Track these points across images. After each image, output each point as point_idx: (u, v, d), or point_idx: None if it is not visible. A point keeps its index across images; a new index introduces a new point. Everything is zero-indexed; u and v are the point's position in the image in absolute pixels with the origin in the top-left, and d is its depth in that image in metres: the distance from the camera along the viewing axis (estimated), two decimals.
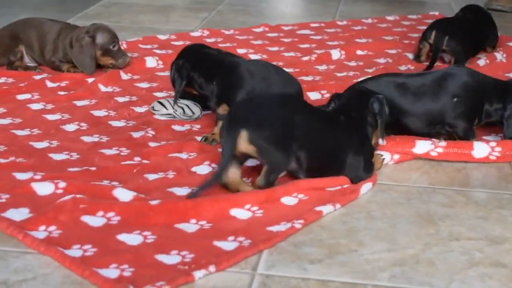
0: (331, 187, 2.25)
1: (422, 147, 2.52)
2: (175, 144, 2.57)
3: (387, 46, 3.97)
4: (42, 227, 1.97)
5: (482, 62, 3.60)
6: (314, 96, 3.11)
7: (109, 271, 1.78)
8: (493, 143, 2.56)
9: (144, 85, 3.25)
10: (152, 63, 3.52)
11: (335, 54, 3.77)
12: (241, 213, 2.10)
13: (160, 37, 4.00)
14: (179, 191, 2.24)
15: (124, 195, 2.16)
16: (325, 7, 5.13)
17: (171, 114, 2.83)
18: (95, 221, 2.02)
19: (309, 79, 3.36)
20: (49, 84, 3.19)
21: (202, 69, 2.68)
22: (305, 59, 3.68)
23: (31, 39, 3.40)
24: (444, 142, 2.54)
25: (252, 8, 5.06)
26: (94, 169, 2.35)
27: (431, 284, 1.80)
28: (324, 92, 3.14)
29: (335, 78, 3.39)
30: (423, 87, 2.62)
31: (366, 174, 2.33)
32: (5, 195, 2.14)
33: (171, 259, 1.84)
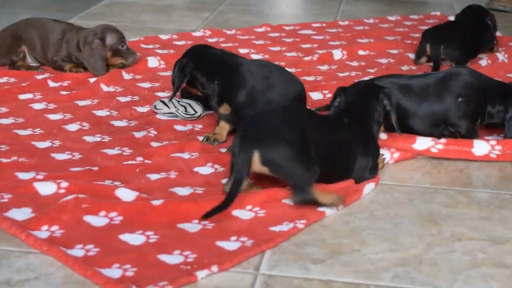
0: (334, 188, 2.25)
1: (422, 143, 2.52)
2: (177, 144, 2.57)
3: (389, 46, 3.97)
4: (44, 227, 1.97)
5: (484, 62, 3.59)
6: (316, 96, 3.11)
7: (112, 271, 1.78)
8: (493, 142, 2.56)
9: (146, 85, 3.25)
10: (154, 63, 3.52)
11: (337, 54, 3.77)
12: (243, 213, 2.10)
13: (162, 37, 4.00)
14: (181, 191, 2.24)
15: (126, 195, 2.16)
16: (327, 7, 5.13)
17: (173, 113, 2.83)
18: (97, 221, 2.02)
19: (311, 79, 3.35)
20: (51, 83, 3.19)
21: (204, 68, 2.67)
22: (307, 59, 3.68)
23: (33, 39, 3.41)
24: (444, 139, 2.54)
25: (253, 7, 5.06)
26: (96, 169, 2.35)
27: (433, 284, 1.80)
28: (326, 92, 3.14)
29: (337, 78, 3.39)
30: (427, 88, 2.62)
31: (370, 175, 2.32)
32: (8, 194, 2.14)
33: (173, 259, 1.84)
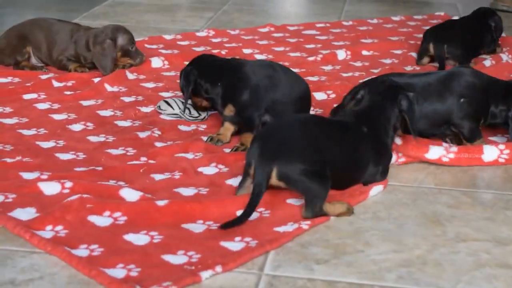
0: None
1: (434, 152, 2.50)
2: (181, 144, 2.57)
3: (392, 46, 3.97)
4: (49, 227, 1.98)
5: (488, 63, 3.59)
6: (320, 96, 3.11)
7: (116, 271, 1.78)
8: (502, 146, 2.55)
9: (150, 85, 3.25)
10: (158, 63, 3.52)
11: (341, 54, 3.77)
12: None
13: (165, 37, 4.01)
14: (185, 191, 2.24)
15: (130, 195, 2.16)
16: (331, 7, 5.13)
17: (177, 114, 2.83)
18: (101, 221, 2.02)
19: (314, 79, 3.35)
20: (56, 83, 3.20)
21: (208, 74, 2.69)
22: (311, 59, 3.68)
23: (39, 40, 3.41)
24: (455, 147, 2.53)
25: (257, 7, 5.06)
26: (100, 169, 2.36)
27: (437, 285, 1.80)
28: (329, 92, 3.14)
29: (341, 78, 3.39)
30: (429, 88, 2.62)
31: (380, 178, 2.32)
32: (12, 194, 2.14)
33: (178, 259, 1.85)
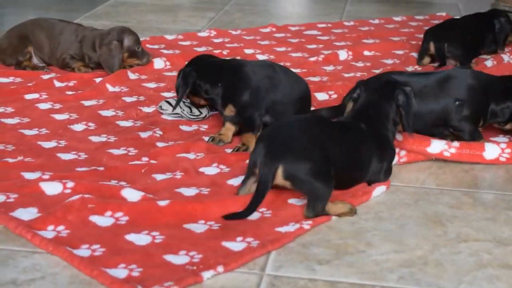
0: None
1: (436, 146, 2.51)
2: (183, 144, 2.57)
3: (394, 46, 3.97)
4: (50, 227, 1.98)
5: (489, 63, 3.59)
6: (321, 96, 3.11)
7: (118, 271, 1.78)
8: (503, 145, 2.55)
9: (151, 85, 3.25)
10: (159, 63, 3.52)
11: (342, 54, 3.77)
12: None
13: (167, 37, 4.01)
14: (187, 191, 2.24)
15: (132, 195, 2.16)
16: (332, 7, 5.13)
17: (178, 113, 2.84)
18: (103, 221, 2.03)
19: (316, 79, 3.35)
20: (57, 83, 3.20)
21: (207, 75, 2.68)
22: (312, 59, 3.68)
23: (40, 40, 3.42)
24: (457, 142, 2.53)
25: (259, 8, 5.06)
26: (102, 169, 2.36)
27: (439, 285, 1.80)
28: (331, 92, 3.14)
29: (342, 78, 3.39)
30: (426, 88, 2.62)
31: (384, 177, 2.32)
32: (14, 194, 2.15)
33: (179, 259, 1.85)
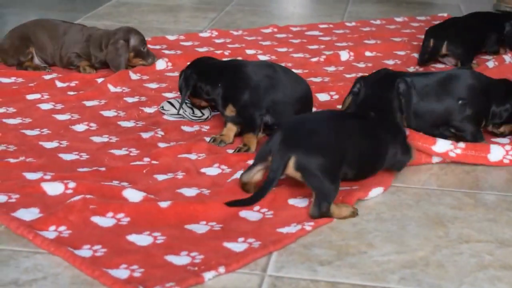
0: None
1: (442, 146, 2.50)
2: (184, 144, 2.57)
3: (395, 47, 3.97)
4: (52, 227, 1.98)
5: (491, 64, 3.59)
6: (323, 97, 3.11)
7: (119, 271, 1.78)
8: (508, 147, 2.54)
9: (153, 86, 3.25)
10: (161, 63, 3.52)
11: (344, 55, 3.77)
12: (251, 215, 2.10)
13: (169, 38, 4.01)
14: (188, 191, 2.24)
15: (133, 195, 2.16)
16: (334, 8, 5.13)
17: (180, 114, 2.84)
18: (105, 221, 2.03)
19: (317, 80, 3.36)
20: (59, 84, 3.20)
21: (208, 76, 2.69)
22: (314, 60, 3.69)
23: (42, 40, 3.42)
24: (463, 143, 2.53)
25: (260, 8, 5.06)
26: (103, 169, 2.36)
27: (440, 286, 1.80)
28: (333, 93, 3.14)
29: (344, 79, 3.39)
30: (427, 87, 2.62)
31: (405, 157, 2.32)
32: (15, 195, 2.15)
33: (181, 260, 1.85)
